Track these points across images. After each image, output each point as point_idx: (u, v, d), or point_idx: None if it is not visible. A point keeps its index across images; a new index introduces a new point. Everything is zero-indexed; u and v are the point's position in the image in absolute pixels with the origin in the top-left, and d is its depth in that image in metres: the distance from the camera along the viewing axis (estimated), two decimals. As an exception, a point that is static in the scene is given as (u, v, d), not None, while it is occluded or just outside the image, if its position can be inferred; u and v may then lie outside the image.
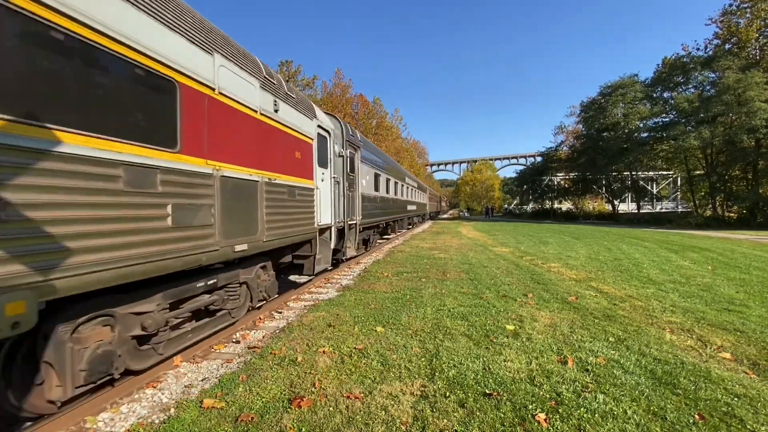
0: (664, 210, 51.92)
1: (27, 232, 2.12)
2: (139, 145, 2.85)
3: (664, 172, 49.34)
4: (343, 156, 8.07)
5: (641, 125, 35.76)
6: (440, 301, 5.78)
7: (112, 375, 2.88)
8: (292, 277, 8.38)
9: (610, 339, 4.19)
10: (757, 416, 2.68)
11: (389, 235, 17.76)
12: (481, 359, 3.61)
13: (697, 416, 2.66)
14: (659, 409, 2.74)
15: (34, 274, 2.15)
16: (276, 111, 4.99)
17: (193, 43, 3.49)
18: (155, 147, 3.01)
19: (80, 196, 2.42)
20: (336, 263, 8.91)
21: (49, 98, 2.28)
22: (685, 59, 33.29)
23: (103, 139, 2.58)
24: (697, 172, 36.05)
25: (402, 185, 18.19)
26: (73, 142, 2.38)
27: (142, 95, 2.96)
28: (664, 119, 34.67)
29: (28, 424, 2.64)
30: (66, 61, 2.38)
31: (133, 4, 2.83)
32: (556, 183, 52.64)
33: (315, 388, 3.10)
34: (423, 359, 3.65)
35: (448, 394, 2.98)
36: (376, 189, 12.16)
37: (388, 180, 14.35)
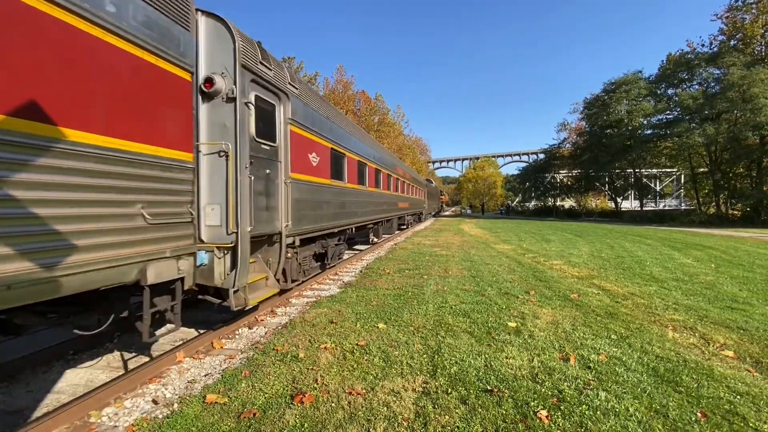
0: (667, 208, 51.57)
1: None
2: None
3: (668, 170, 49.02)
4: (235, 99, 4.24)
5: (645, 122, 35.52)
6: (442, 298, 5.78)
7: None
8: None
9: (613, 336, 4.18)
10: (760, 414, 2.67)
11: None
12: (482, 356, 3.61)
13: (699, 414, 2.66)
14: (661, 407, 2.74)
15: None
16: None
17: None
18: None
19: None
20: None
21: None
22: (689, 56, 32.98)
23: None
24: (701, 170, 35.81)
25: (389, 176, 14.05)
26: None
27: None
28: (668, 116, 34.39)
29: (31, 419, 2.66)
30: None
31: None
32: (558, 180, 52.43)
33: (317, 384, 3.12)
34: (425, 356, 3.65)
35: (449, 390, 2.98)
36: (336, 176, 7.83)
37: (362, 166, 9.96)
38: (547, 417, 2.60)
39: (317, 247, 7.14)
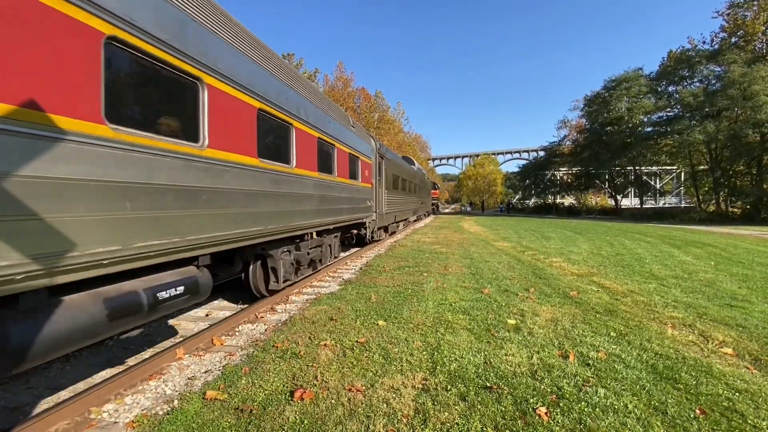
0: (667, 205, 51.65)
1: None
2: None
3: (668, 167, 49.00)
4: None
5: (645, 120, 35.47)
6: (442, 295, 5.79)
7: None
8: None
9: (612, 334, 4.19)
10: (758, 411, 2.68)
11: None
12: (482, 353, 3.62)
13: (697, 411, 2.66)
14: (660, 404, 2.75)
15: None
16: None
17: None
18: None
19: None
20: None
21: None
22: (690, 53, 32.91)
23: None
24: (701, 167, 35.82)
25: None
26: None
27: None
28: (668, 114, 34.38)
29: (31, 415, 2.67)
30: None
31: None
32: (558, 178, 52.39)
33: (317, 380, 3.12)
34: (424, 353, 3.66)
35: (449, 387, 2.99)
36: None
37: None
38: (546, 414, 2.60)
39: None
